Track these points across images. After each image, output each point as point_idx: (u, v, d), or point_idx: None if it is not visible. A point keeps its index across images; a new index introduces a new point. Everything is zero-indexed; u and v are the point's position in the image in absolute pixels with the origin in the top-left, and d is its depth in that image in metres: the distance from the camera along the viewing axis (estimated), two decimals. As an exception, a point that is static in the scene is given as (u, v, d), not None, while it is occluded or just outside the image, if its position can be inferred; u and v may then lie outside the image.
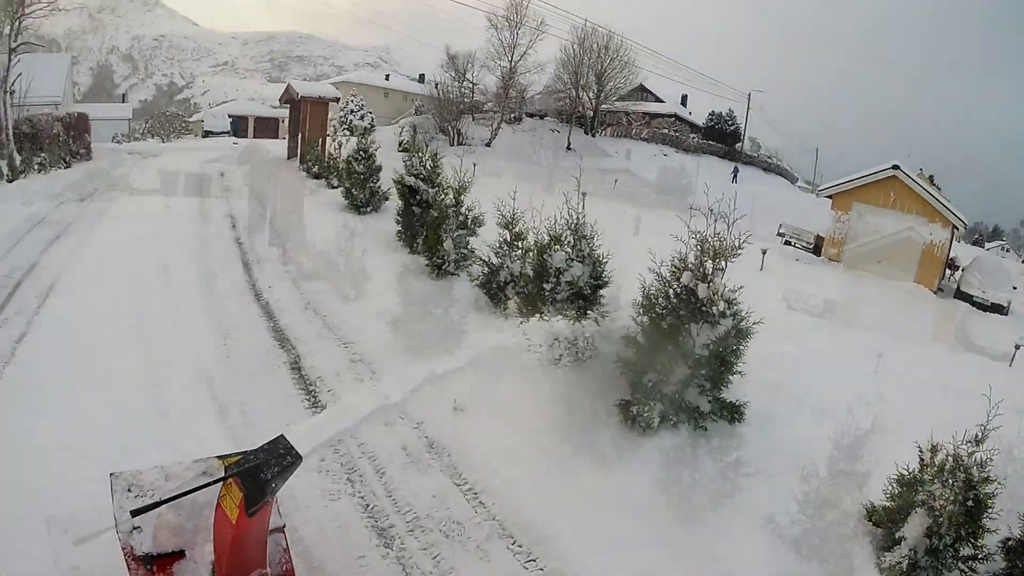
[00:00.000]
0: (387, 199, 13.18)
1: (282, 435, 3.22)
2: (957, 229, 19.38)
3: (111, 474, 3.56)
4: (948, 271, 19.61)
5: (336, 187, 14.99)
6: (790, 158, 60.88)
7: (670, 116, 48.92)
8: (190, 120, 46.72)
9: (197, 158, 20.92)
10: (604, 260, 7.70)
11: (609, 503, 5.37)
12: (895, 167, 19.26)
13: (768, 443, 6.30)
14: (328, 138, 19.59)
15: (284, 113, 62.86)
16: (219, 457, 3.71)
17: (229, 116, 48.09)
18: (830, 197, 20.88)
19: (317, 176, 16.76)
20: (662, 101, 49.59)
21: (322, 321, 8.51)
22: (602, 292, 7.69)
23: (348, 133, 16.43)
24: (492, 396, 6.49)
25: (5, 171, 15.88)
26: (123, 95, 62.71)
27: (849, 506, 5.46)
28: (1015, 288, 18.62)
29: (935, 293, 18.02)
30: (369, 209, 13.30)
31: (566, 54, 38.19)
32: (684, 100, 53.74)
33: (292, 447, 3.12)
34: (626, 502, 5.40)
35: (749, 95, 51.58)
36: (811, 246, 21.35)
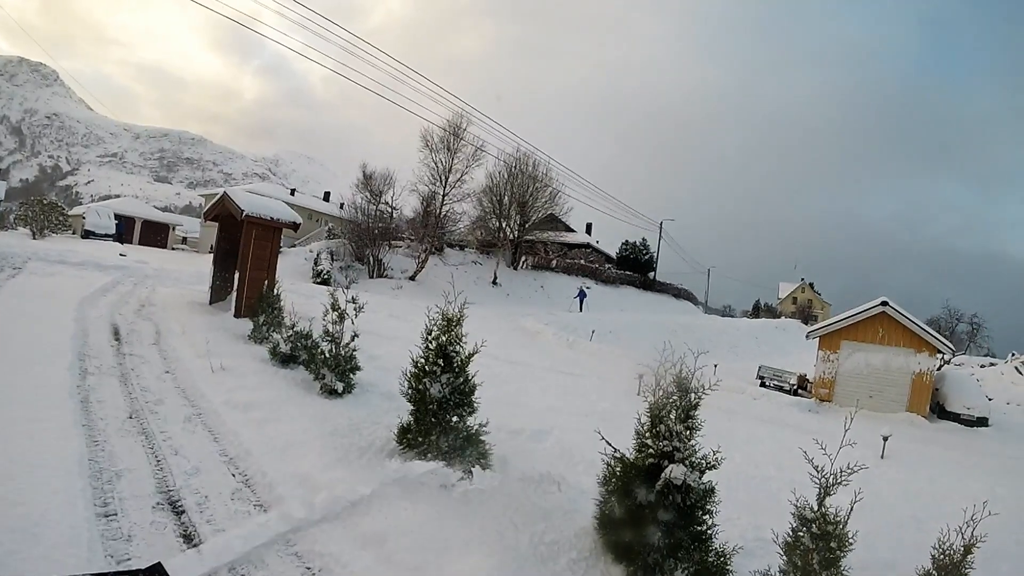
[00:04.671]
0: (358, 370, 9.38)
1: (159, 563, 2.58)
2: (942, 355, 19.74)
3: None
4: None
5: (340, 393, 8.46)
6: (686, 279, 63.15)
7: (584, 246, 48.66)
8: (70, 213, 40.86)
9: (74, 286, 13.82)
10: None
11: None
12: (884, 303, 19.06)
13: None
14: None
15: (174, 219, 58.20)
16: None
17: (115, 216, 42.79)
18: (817, 339, 20.57)
19: (286, 360, 9.59)
20: (573, 230, 49.50)
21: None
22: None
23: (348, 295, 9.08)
24: None
25: None
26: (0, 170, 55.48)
27: None
28: (990, 399, 19.89)
29: (926, 419, 18.07)
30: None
31: (492, 181, 36.70)
32: (589, 228, 54.26)
33: None
34: None
35: (661, 224, 52.72)
36: (793, 387, 20.97)
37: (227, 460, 5.97)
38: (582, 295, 36.12)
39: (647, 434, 4.98)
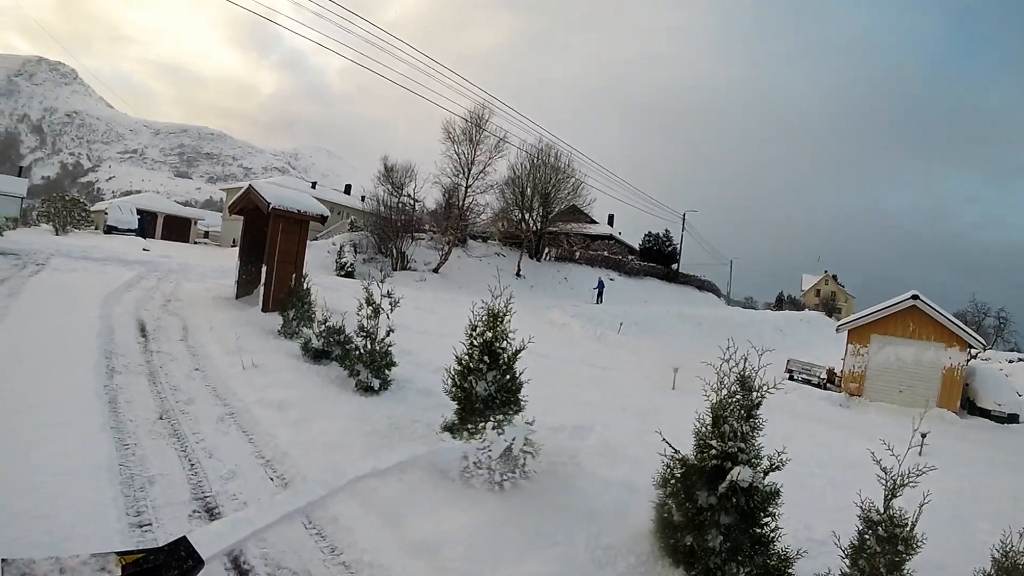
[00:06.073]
0: (393, 366, 9.13)
1: (184, 537, 2.86)
2: (973, 349, 19.09)
3: (3, 560, 2.67)
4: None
5: (376, 390, 8.12)
6: (708, 271, 62.28)
7: (607, 238, 48.14)
8: (92, 209, 41.19)
9: (98, 282, 13.69)
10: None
11: None
12: (915, 296, 18.61)
13: None
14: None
15: (196, 213, 58.57)
16: (118, 553, 2.79)
17: (137, 212, 43.05)
18: (846, 332, 20.14)
19: (318, 356, 9.34)
20: (595, 222, 48.96)
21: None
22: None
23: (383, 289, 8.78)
24: None
25: None
26: (20, 168, 56.20)
27: None
28: (1020, 395, 19.17)
29: (957, 415, 17.63)
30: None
31: (515, 172, 36.29)
32: (611, 220, 53.67)
33: (194, 550, 2.78)
34: None
35: (684, 215, 52.08)
36: (823, 381, 20.53)
37: (264, 463, 5.72)
38: (601, 286, 35.71)
39: (710, 435, 4.66)
